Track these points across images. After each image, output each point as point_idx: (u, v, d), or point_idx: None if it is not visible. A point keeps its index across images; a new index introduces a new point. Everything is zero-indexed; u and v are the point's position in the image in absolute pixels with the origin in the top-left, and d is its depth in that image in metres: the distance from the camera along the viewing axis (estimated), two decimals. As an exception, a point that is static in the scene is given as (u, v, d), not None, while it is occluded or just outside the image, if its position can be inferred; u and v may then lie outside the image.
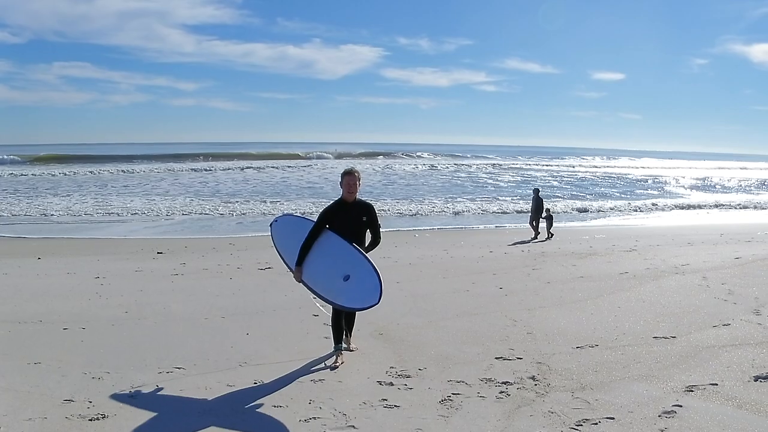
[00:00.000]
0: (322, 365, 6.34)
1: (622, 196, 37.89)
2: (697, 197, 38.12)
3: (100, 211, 25.59)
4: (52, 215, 24.27)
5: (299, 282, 6.48)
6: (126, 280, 11.03)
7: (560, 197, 35.03)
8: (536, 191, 19.87)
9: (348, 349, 6.71)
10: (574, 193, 39.28)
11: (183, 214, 24.95)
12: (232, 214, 25.19)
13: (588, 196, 36.58)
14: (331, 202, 6.65)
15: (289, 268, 6.67)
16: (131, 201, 29.08)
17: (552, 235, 18.60)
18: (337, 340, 6.55)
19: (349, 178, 6.43)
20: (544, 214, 19.11)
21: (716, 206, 32.13)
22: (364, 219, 6.43)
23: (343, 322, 6.59)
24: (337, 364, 6.35)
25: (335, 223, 6.42)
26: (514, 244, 16.99)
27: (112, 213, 25.07)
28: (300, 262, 6.40)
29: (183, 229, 21.05)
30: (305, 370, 6.18)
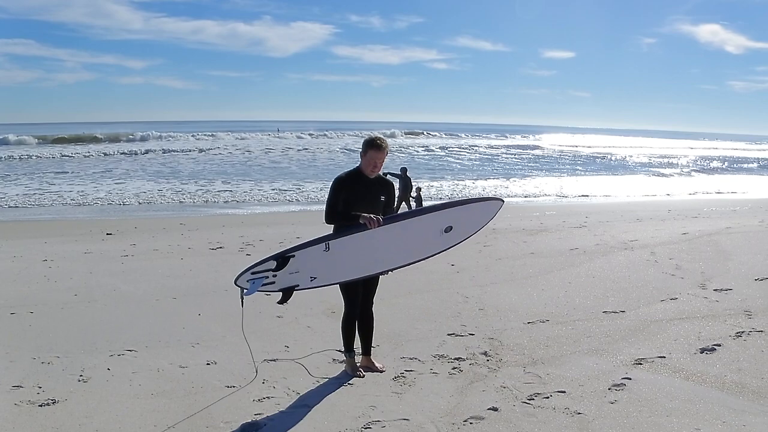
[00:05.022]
0: (276, 345, 6.31)
1: (577, 172, 38.39)
2: (653, 178, 38.84)
3: (46, 192, 24.94)
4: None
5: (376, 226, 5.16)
6: (75, 262, 10.79)
7: (518, 174, 35.36)
8: (403, 170, 19.44)
9: (371, 369, 5.64)
10: (529, 170, 39.67)
11: (133, 195, 24.47)
12: (190, 198, 24.80)
13: (543, 173, 36.98)
14: (345, 171, 5.52)
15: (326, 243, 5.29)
16: (79, 182, 28.41)
17: None
18: (349, 346, 5.62)
19: (377, 153, 5.28)
20: (413, 194, 18.94)
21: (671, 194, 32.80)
22: (383, 198, 5.43)
23: (356, 328, 5.64)
24: (361, 373, 5.54)
25: (350, 197, 5.30)
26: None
27: (58, 195, 24.44)
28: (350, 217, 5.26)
29: (132, 210, 20.68)
30: (258, 350, 6.13)
